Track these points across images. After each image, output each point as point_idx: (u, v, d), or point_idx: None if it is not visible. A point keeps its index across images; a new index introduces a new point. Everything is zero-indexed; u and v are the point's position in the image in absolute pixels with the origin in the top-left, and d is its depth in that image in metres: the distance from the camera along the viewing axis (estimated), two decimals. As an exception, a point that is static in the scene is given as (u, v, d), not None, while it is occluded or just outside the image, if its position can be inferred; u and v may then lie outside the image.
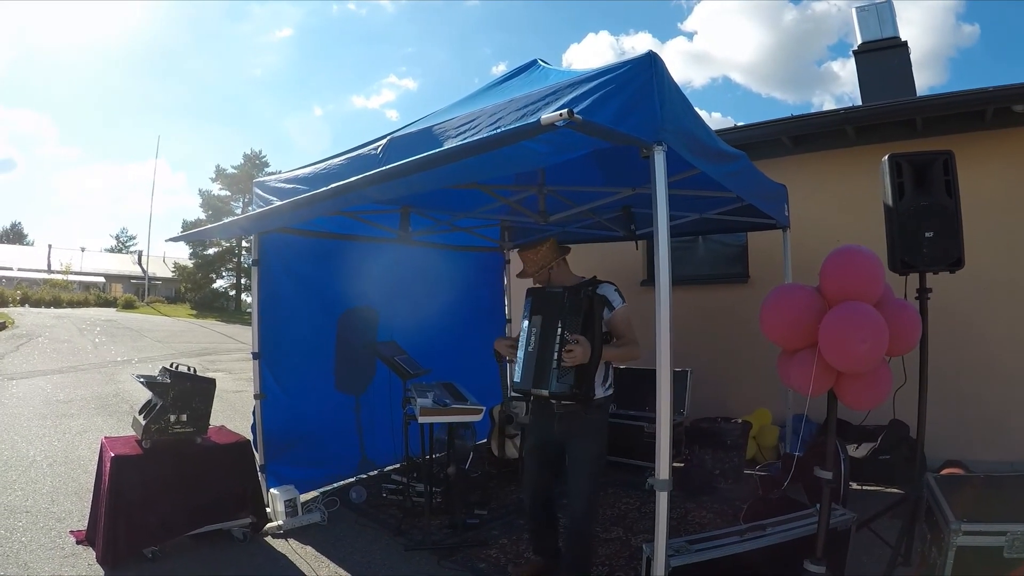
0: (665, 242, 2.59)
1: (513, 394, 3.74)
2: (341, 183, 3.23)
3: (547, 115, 2.04)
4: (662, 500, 2.71)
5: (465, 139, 2.98)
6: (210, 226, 6.49)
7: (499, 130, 2.59)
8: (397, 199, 4.74)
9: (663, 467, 2.67)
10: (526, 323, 3.49)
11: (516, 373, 3.48)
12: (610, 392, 3.58)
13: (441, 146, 3.12)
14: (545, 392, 3.34)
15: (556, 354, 3.25)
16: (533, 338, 3.40)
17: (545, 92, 2.81)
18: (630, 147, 2.68)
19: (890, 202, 3.74)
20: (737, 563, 3.24)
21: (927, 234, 3.65)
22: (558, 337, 3.27)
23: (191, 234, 7.10)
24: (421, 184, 3.17)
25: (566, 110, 2.01)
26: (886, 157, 3.78)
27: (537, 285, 3.76)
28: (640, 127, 2.56)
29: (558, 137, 2.28)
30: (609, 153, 3.08)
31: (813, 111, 7.16)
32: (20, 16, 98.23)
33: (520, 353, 3.46)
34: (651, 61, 2.63)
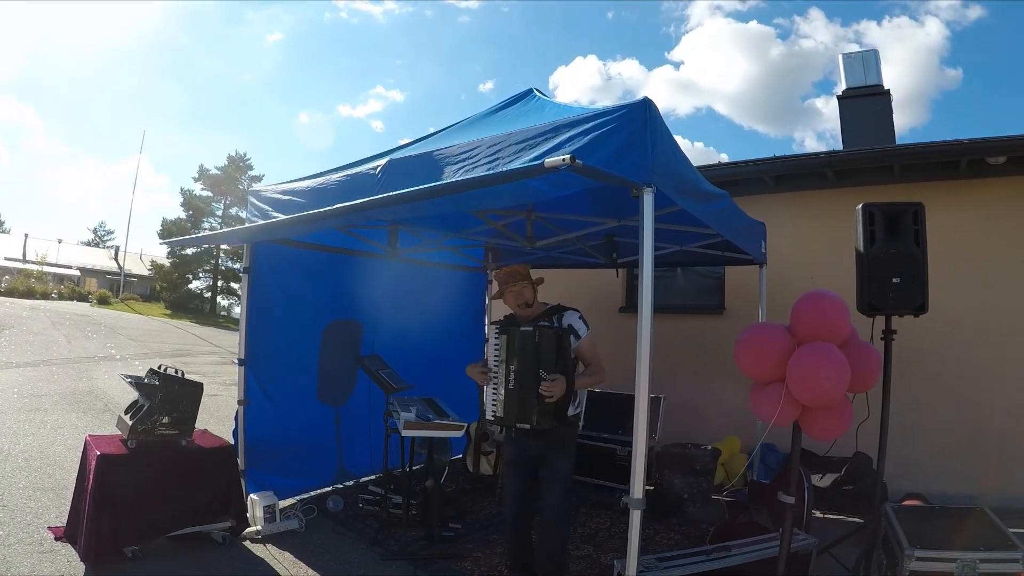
0: (649, 278, 2.77)
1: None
2: (357, 202, 3.33)
3: (551, 159, 2.23)
4: (635, 518, 2.85)
5: (465, 168, 3.14)
6: (213, 232, 6.59)
7: (506, 168, 2.77)
8: (396, 219, 4.88)
9: (637, 486, 2.81)
10: (499, 359, 3.63)
11: (496, 407, 3.64)
12: (579, 410, 3.80)
13: (441, 172, 3.28)
14: (527, 426, 3.53)
15: (538, 393, 3.42)
16: (512, 376, 3.54)
17: (544, 128, 2.97)
18: (620, 184, 2.84)
19: (861, 248, 3.96)
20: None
21: (894, 280, 3.87)
22: (536, 378, 3.43)
23: (190, 239, 7.18)
24: (426, 209, 3.33)
25: (569, 156, 2.19)
26: (860, 206, 4.01)
27: (507, 314, 3.94)
28: (632, 169, 2.73)
29: (557, 177, 2.45)
30: (598, 186, 3.25)
31: (795, 153, 7.41)
32: (11, 9, 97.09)
33: (500, 390, 3.61)
34: (646, 106, 2.81)
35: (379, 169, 3.76)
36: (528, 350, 3.49)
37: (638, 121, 2.78)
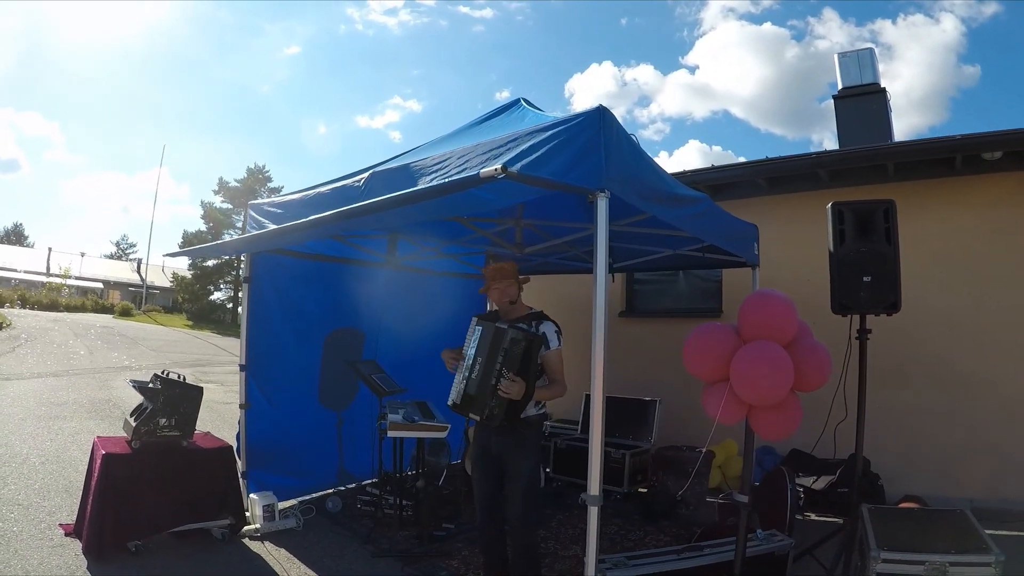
0: (603, 281, 2.89)
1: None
2: (310, 219, 3.58)
3: (485, 170, 2.36)
4: (592, 514, 2.94)
5: (437, 178, 3.28)
6: (203, 245, 6.85)
7: (451, 179, 2.91)
8: (381, 228, 5.03)
9: (594, 483, 2.92)
10: (472, 350, 3.72)
11: (456, 394, 3.75)
12: (543, 411, 3.84)
13: (416, 182, 3.43)
14: (477, 418, 3.64)
15: (493, 387, 3.50)
16: (477, 367, 3.65)
17: (508, 139, 3.10)
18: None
19: (832, 248, 4.04)
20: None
21: (865, 278, 3.92)
22: (497, 373, 3.51)
23: (184, 252, 7.48)
24: (389, 220, 3.48)
25: (500, 165, 2.33)
26: (829, 205, 4.08)
27: (490, 311, 4.03)
28: (586, 176, 2.85)
29: (501, 186, 2.58)
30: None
31: (787, 154, 7.42)
32: (32, 20, 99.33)
33: (462, 377, 3.72)
34: (600, 115, 2.93)
35: (363, 181, 3.92)
36: (497, 347, 3.57)
37: (593, 129, 2.89)
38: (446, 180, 2.95)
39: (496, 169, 2.32)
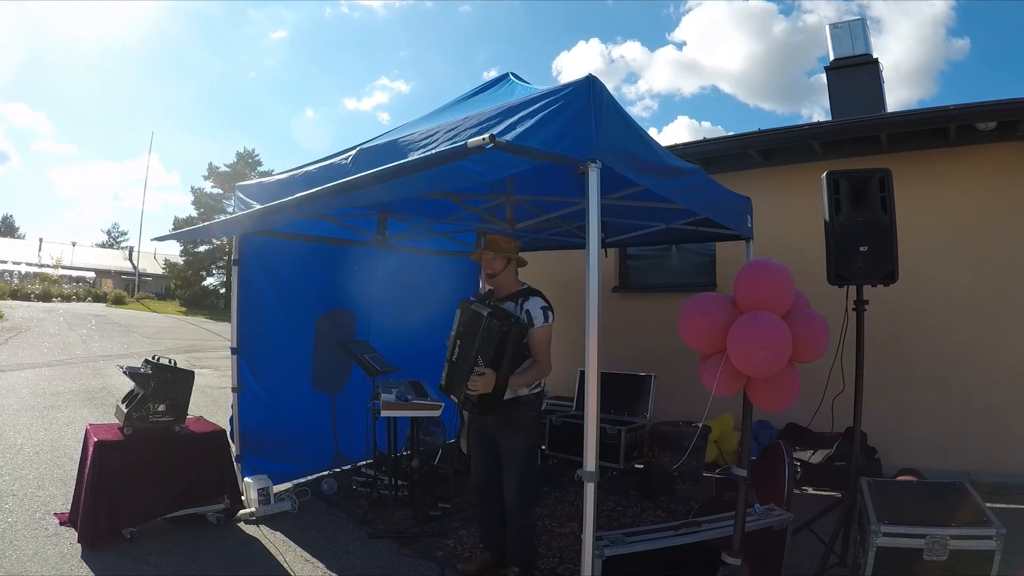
0: (595, 253, 2.84)
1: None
2: (296, 196, 3.56)
3: (473, 140, 2.29)
4: (589, 491, 2.91)
5: (425, 152, 3.21)
6: (191, 228, 6.76)
7: (434, 152, 2.84)
8: (368, 205, 4.95)
9: (590, 459, 2.89)
10: (453, 333, 3.74)
11: (442, 374, 3.79)
12: (537, 390, 3.80)
13: (405, 157, 3.35)
14: (456, 400, 3.66)
15: (467, 375, 3.50)
16: (457, 351, 3.67)
17: (497, 111, 3.03)
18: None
19: (827, 217, 3.98)
20: (669, 556, 3.43)
21: (861, 248, 3.87)
22: (471, 362, 3.51)
23: (173, 235, 7.37)
24: (377, 196, 3.41)
25: (488, 135, 2.26)
26: (824, 174, 4.02)
27: (489, 288, 3.99)
28: (576, 146, 2.78)
29: (489, 157, 2.51)
30: (564, 166, 3.29)
31: (779, 126, 7.34)
32: (20, 12, 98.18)
33: (446, 359, 3.75)
34: (590, 84, 2.85)
35: (350, 159, 3.85)
36: (473, 334, 3.54)
37: (582, 99, 2.81)
38: (429, 153, 2.88)
39: (484, 139, 2.26)
